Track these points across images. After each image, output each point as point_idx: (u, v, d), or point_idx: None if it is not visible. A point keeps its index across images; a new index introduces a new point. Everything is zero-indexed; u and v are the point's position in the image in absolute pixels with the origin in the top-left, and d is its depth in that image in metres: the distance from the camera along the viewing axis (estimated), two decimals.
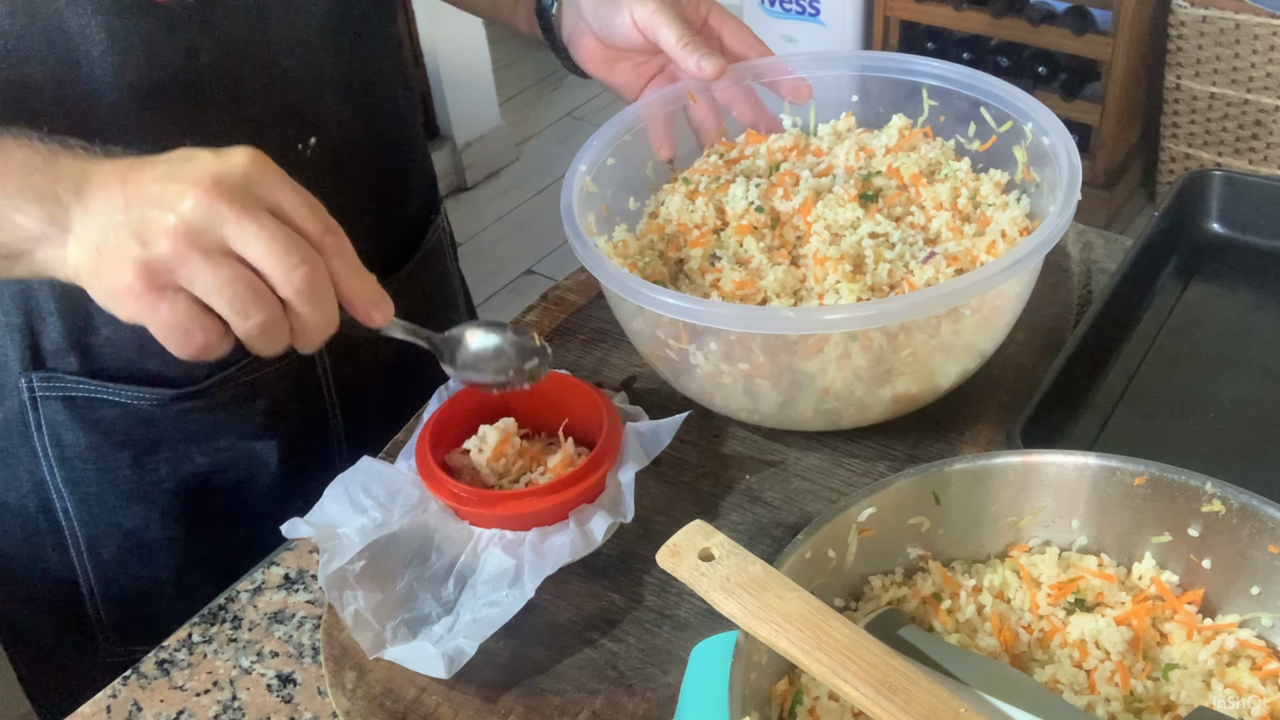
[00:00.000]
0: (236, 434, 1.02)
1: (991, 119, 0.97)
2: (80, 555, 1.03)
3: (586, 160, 0.95)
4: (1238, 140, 2.74)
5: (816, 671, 0.60)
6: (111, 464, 0.99)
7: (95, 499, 1.01)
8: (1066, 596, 0.71)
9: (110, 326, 0.94)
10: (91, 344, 0.95)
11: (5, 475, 1.01)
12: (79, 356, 0.95)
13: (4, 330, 0.94)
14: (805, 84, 1.02)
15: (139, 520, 1.02)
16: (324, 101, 0.97)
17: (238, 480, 1.04)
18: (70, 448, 0.98)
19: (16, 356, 0.95)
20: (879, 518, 0.71)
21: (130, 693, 0.81)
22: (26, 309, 0.93)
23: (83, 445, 0.98)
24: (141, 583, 1.05)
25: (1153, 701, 0.66)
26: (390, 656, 0.76)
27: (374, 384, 1.09)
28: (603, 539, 0.79)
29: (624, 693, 0.76)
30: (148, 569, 1.04)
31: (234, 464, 1.03)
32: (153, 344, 0.89)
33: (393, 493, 0.83)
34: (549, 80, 3.73)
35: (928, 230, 0.93)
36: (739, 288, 0.89)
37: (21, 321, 0.94)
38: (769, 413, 0.89)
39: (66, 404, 0.97)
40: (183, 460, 1.01)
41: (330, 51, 0.96)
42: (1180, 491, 0.70)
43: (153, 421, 0.98)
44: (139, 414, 0.98)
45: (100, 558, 1.03)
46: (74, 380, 0.96)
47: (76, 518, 1.01)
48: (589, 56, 1.04)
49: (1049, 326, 0.98)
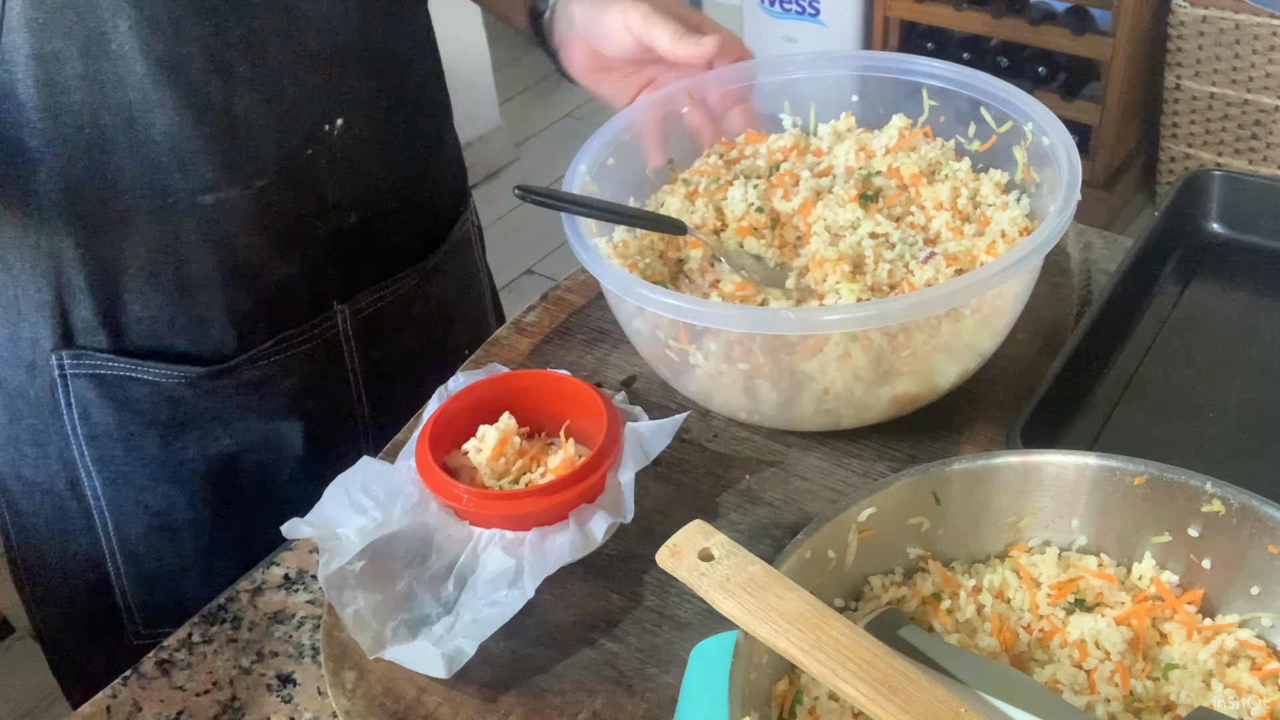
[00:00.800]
0: (263, 414, 1.02)
1: (991, 119, 0.97)
2: (108, 535, 1.04)
3: (586, 160, 0.95)
4: (1238, 140, 2.74)
5: (816, 671, 0.60)
6: (140, 442, 1.00)
7: (123, 478, 1.01)
8: (1066, 596, 0.71)
9: (140, 304, 0.95)
10: (122, 322, 0.96)
11: (36, 453, 1.01)
12: (109, 334, 0.96)
13: (35, 307, 0.95)
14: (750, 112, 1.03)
15: (166, 500, 1.03)
16: (351, 82, 0.97)
17: (264, 463, 1.04)
18: (99, 425, 0.99)
19: (48, 334, 0.96)
20: (879, 518, 0.71)
21: (130, 693, 0.81)
22: (57, 287, 0.94)
23: (111, 424, 0.99)
24: (168, 564, 1.05)
25: (1153, 701, 0.66)
26: (390, 656, 0.76)
27: (400, 371, 1.10)
28: (603, 539, 0.79)
29: (624, 693, 0.76)
30: (174, 550, 1.05)
31: (260, 445, 1.04)
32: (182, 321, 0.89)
33: (392, 493, 0.83)
34: (549, 80, 3.73)
35: (928, 230, 0.93)
36: (739, 289, 0.89)
37: (53, 299, 0.94)
38: (769, 413, 0.89)
39: (96, 382, 0.97)
40: (210, 440, 1.02)
41: (358, 30, 0.96)
42: (1180, 491, 0.70)
43: (181, 400, 0.99)
44: (167, 392, 0.98)
45: (128, 537, 1.04)
46: (104, 358, 0.97)
47: (104, 496, 1.02)
48: (578, 65, 1.05)
49: (1049, 326, 0.98)
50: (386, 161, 1.03)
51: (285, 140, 0.94)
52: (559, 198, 0.88)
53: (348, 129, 0.97)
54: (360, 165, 1.00)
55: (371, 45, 0.98)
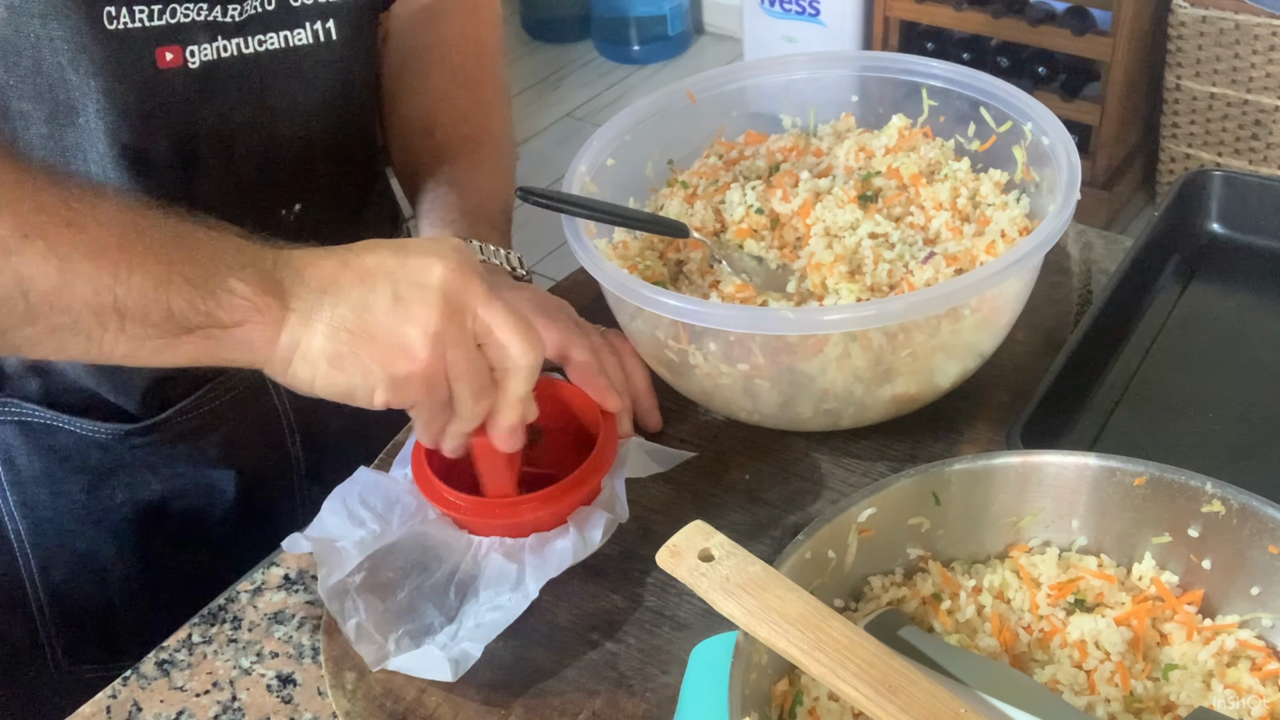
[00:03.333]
0: (194, 462, 1.00)
1: (991, 119, 0.97)
2: (31, 575, 1.01)
3: (586, 160, 0.95)
4: (1238, 140, 2.74)
5: (816, 672, 0.60)
6: (66, 489, 0.98)
7: (48, 523, 0.99)
8: (1066, 597, 0.71)
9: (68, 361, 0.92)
10: (51, 368, 0.94)
11: None
12: (38, 381, 0.94)
13: None
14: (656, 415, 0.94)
15: (93, 545, 1.00)
16: (316, 169, 0.96)
17: (195, 508, 1.02)
18: (24, 471, 0.97)
19: None
20: (879, 518, 0.71)
21: (130, 693, 0.81)
22: None
23: (37, 469, 0.97)
24: (95, 605, 1.02)
25: (1153, 702, 0.66)
26: (394, 667, 0.76)
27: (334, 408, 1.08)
28: (602, 539, 0.79)
29: (624, 693, 0.76)
30: (101, 593, 1.02)
31: (191, 492, 1.01)
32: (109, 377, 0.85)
33: (390, 502, 0.82)
34: (549, 80, 3.73)
35: (927, 230, 0.93)
36: (739, 289, 0.89)
37: None
38: (769, 413, 0.89)
39: (22, 428, 0.95)
40: (139, 487, 0.99)
41: (328, 120, 0.95)
42: (1180, 492, 0.70)
43: (109, 449, 0.97)
44: (95, 442, 0.96)
45: (52, 580, 1.01)
46: (31, 407, 0.95)
47: (28, 539, 0.99)
48: None
49: (1049, 326, 0.98)
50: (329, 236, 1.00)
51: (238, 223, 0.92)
52: (561, 199, 0.88)
53: (305, 214, 0.96)
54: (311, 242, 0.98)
55: (340, 133, 0.97)
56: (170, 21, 0.84)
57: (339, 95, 0.95)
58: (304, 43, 0.91)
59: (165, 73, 0.85)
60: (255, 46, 0.89)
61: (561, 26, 3.84)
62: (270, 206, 0.94)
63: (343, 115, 0.97)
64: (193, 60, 0.86)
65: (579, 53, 3.83)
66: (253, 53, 0.89)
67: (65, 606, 1.03)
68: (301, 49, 0.91)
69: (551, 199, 0.88)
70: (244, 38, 0.88)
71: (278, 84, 0.91)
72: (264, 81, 0.90)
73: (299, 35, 0.91)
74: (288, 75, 0.91)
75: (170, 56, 0.85)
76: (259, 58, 0.89)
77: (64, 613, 1.03)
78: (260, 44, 0.89)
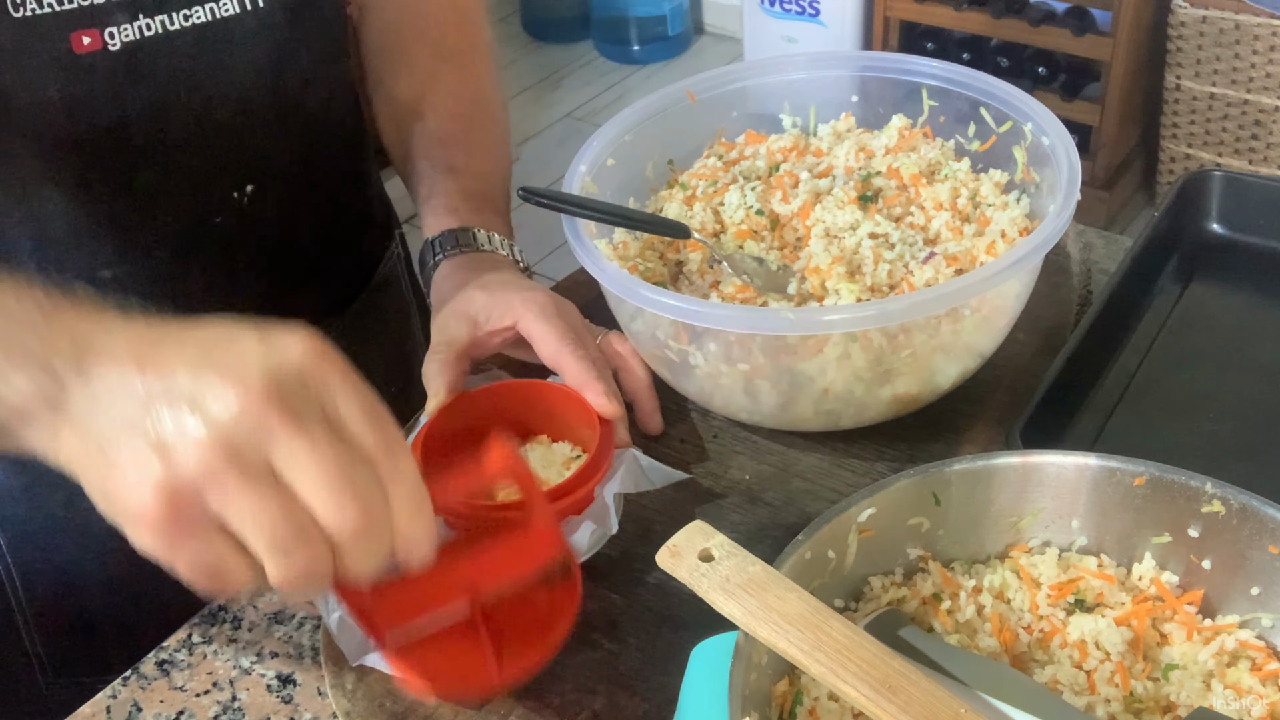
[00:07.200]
0: None
1: (991, 119, 0.97)
2: (15, 589, 0.99)
3: (586, 161, 0.95)
4: (1238, 140, 2.74)
5: (816, 672, 0.60)
6: (44, 504, 0.96)
7: (27, 538, 0.97)
8: (1066, 597, 0.71)
9: None
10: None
11: None
12: None
13: None
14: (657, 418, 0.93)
15: (74, 560, 0.99)
16: (262, 150, 0.94)
17: None
18: (1, 486, 0.96)
19: None
20: (879, 518, 0.71)
21: (130, 693, 0.81)
22: None
23: (15, 485, 0.95)
24: (80, 617, 1.01)
25: (1153, 702, 0.66)
26: (373, 662, 0.76)
27: None
28: (588, 551, 0.78)
29: (624, 694, 0.76)
30: (86, 605, 1.01)
31: None
32: None
33: None
34: (549, 80, 3.73)
35: (927, 230, 0.93)
36: (739, 290, 0.89)
37: None
38: (769, 413, 0.89)
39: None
40: None
41: (270, 100, 0.93)
42: (1180, 492, 0.70)
43: None
44: None
45: (35, 592, 1.00)
46: None
47: (9, 554, 0.98)
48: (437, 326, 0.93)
49: (1049, 326, 0.98)
50: (303, 219, 0.98)
51: (190, 210, 0.90)
52: (562, 199, 0.88)
53: (259, 194, 0.93)
54: (275, 227, 0.95)
55: (285, 113, 0.94)
56: (83, 4, 0.81)
57: (274, 68, 0.92)
58: (231, 12, 0.88)
59: (84, 58, 0.82)
60: (181, 22, 0.85)
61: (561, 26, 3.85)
62: (217, 190, 0.91)
63: (283, 92, 0.93)
64: (113, 42, 0.83)
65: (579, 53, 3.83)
66: (178, 28, 0.85)
67: (50, 619, 1.01)
68: (229, 19, 0.88)
69: (552, 199, 0.88)
70: (167, 14, 0.85)
71: (208, 59, 0.88)
72: (194, 58, 0.87)
73: (225, 5, 0.87)
74: (218, 49, 0.88)
75: (88, 40, 0.81)
76: (185, 33, 0.86)
77: (49, 626, 1.02)
78: (186, 19, 0.86)
